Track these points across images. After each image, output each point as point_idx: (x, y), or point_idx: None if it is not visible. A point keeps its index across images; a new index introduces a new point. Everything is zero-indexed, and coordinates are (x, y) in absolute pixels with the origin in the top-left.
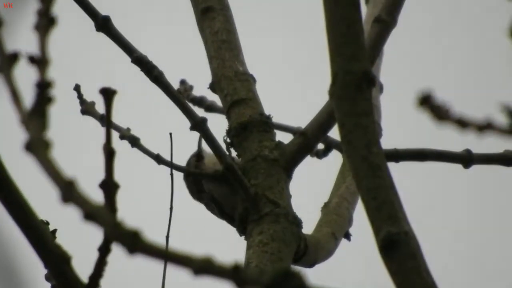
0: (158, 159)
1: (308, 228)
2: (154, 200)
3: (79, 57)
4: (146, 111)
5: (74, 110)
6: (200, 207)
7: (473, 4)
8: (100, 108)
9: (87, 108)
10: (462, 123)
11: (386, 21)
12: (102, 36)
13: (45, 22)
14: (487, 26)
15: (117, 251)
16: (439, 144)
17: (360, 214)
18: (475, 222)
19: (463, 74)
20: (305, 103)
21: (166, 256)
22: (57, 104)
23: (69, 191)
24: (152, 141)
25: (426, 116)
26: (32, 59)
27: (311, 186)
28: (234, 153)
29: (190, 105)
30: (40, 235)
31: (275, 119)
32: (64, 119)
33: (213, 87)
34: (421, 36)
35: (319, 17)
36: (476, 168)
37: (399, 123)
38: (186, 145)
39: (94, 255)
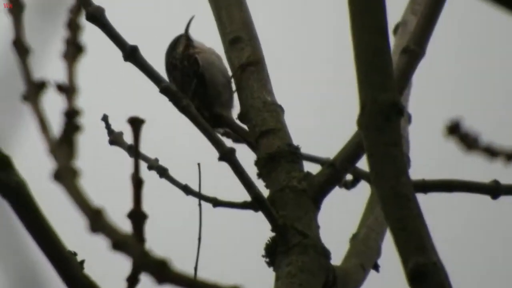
0: (186, 189)
1: (336, 259)
2: (182, 230)
3: (107, 86)
4: (174, 141)
5: (102, 140)
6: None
7: (502, 34)
8: (128, 138)
9: (115, 138)
10: (491, 152)
11: (415, 51)
12: (130, 65)
13: (73, 50)
14: None
15: (145, 281)
16: (468, 173)
17: (388, 245)
18: (504, 253)
19: (492, 103)
20: (333, 134)
21: (195, 285)
22: (85, 134)
23: (97, 221)
24: (180, 171)
25: (454, 145)
26: (60, 88)
27: (340, 217)
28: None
29: (219, 135)
30: (68, 266)
31: (304, 150)
32: (92, 149)
33: (241, 117)
34: (449, 66)
35: (347, 47)
36: (504, 199)
37: (427, 154)
38: (215, 175)
39: (122, 285)
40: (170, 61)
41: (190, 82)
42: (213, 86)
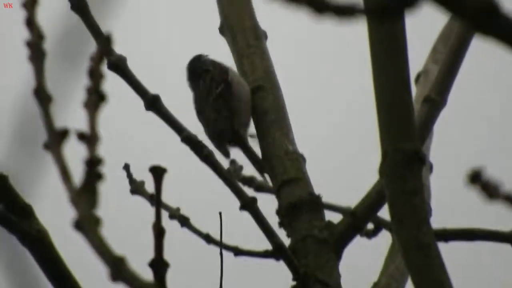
0: (208, 238)
1: None
2: (204, 279)
3: (129, 135)
4: (196, 190)
5: (124, 189)
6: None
7: None
8: (150, 187)
9: (136, 187)
10: None
11: (436, 101)
12: (152, 114)
13: (95, 99)
14: None
15: None
16: (489, 222)
17: None
18: None
19: None
20: (355, 182)
21: None
22: (106, 183)
23: (118, 269)
24: (201, 220)
25: (475, 194)
26: (82, 136)
27: (361, 266)
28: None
29: (240, 184)
30: None
31: (325, 199)
32: (113, 198)
33: (263, 166)
34: (471, 115)
35: (369, 95)
36: None
37: (449, 202)
38: (236, 224)
39: None
40: (199, 66)
41: (217, 86)
42: (238, 98)
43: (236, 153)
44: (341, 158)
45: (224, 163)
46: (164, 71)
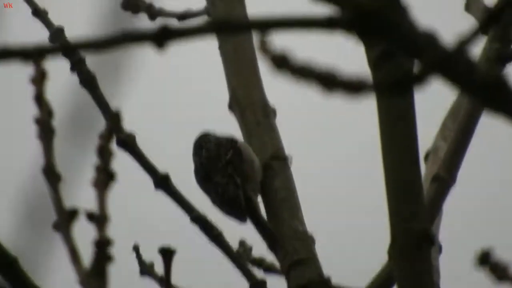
0: None
1: None
2: None
3: (138, 214)
4: (205, 271)
5: (133, 270)
6: None
7: None
8: (159, 268)
9: (146, 269)
10: None
11: (445, 179)
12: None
13: (104, 178)
14: None
15: None
16: None
17: None
18: None
19: None
20: (364, 264)
21: None
22: (115, 264)
23: None
24: None
25: (485, 275)
26: (91, 216)
27: None
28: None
29: (249, 265)
30: None
31: (334, 280)
32: (122, 279)
33: (272, 246)
34: (479, 194)
35: (378, 173)
36: None
37: (458, 283)
38: None
39: None
40: (204, 140)
41: (226, 152)
42: (249, 164)
43: (246, 233)
44: (350, 239)
45: (234, 243)
46: (173, 149)
